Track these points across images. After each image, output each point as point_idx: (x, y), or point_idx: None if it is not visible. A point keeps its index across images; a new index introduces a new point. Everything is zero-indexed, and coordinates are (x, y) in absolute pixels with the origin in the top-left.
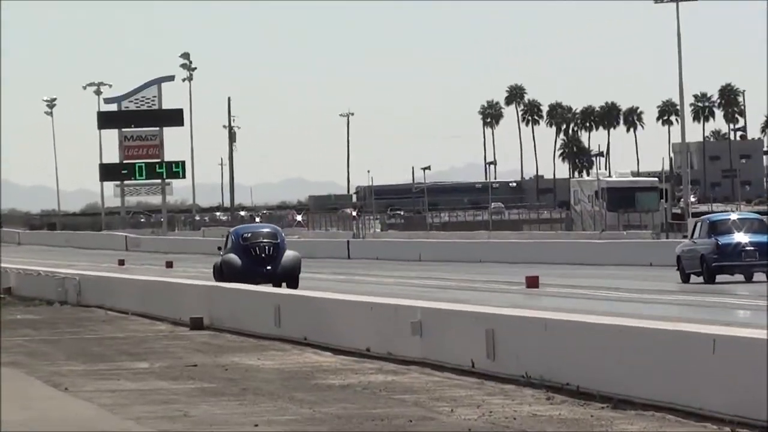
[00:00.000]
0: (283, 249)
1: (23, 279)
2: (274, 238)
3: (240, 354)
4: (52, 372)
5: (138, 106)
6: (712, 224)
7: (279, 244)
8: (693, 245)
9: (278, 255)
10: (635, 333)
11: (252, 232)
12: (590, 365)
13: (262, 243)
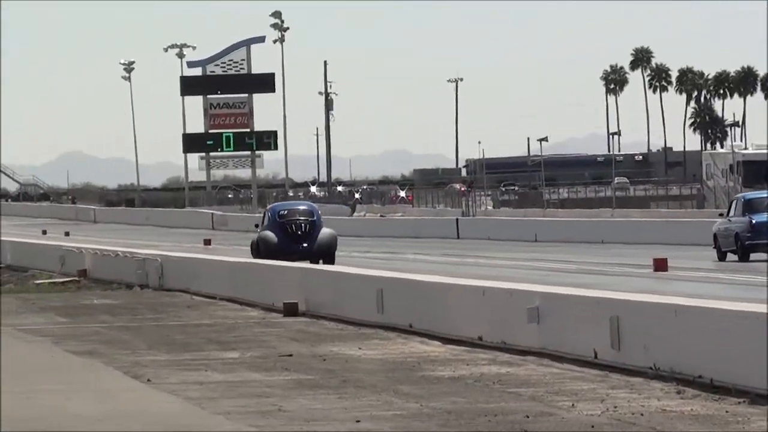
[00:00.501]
0: (319, 226)
1: (100, 260)
2: (310, 215)
3: (339, 343)
4: (132, 362)
5: (225, 71)
6: (747, 203)
7: (315, 221)
8: (728, 224)
9: (314, 232)
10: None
11: (288, 209)
12: (725, 356)
13: (298, 220)
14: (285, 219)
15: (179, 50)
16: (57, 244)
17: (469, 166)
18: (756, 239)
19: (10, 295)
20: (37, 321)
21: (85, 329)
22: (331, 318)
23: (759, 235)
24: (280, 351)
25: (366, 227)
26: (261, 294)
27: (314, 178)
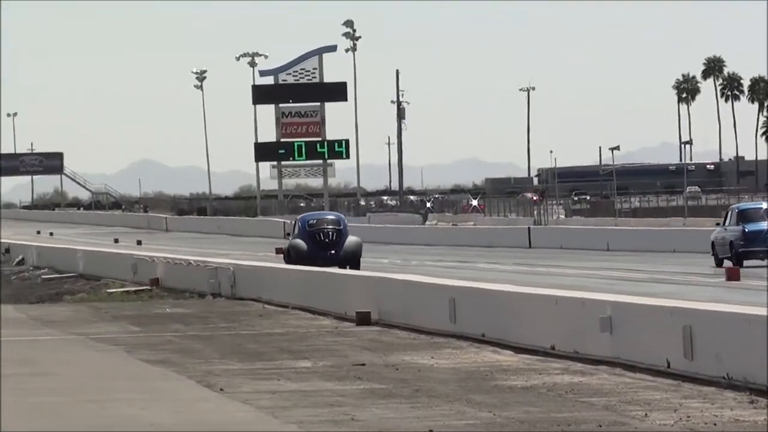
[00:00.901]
0: (345, 234)
1: (172, 269)
2: (337, 224)
3: (412, 352)
4: (205, 371)
5: (297, 79)
6: (741, 213)
7: (342, 230)
8: (724, 232)
9: (341, 240)
10: None
11: (317, 219)
12: None
13: (326, 229)
14: (314, 228)
15: (251, 59)
16: (129, 252)
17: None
18: (748, 246)
19: (82, 304)
20: (110, 330)
21: (157, 338)
22: (404, 327)
23: (751, 243)
24: (353, 360)
25: (438, 236)
26: (333, 303)
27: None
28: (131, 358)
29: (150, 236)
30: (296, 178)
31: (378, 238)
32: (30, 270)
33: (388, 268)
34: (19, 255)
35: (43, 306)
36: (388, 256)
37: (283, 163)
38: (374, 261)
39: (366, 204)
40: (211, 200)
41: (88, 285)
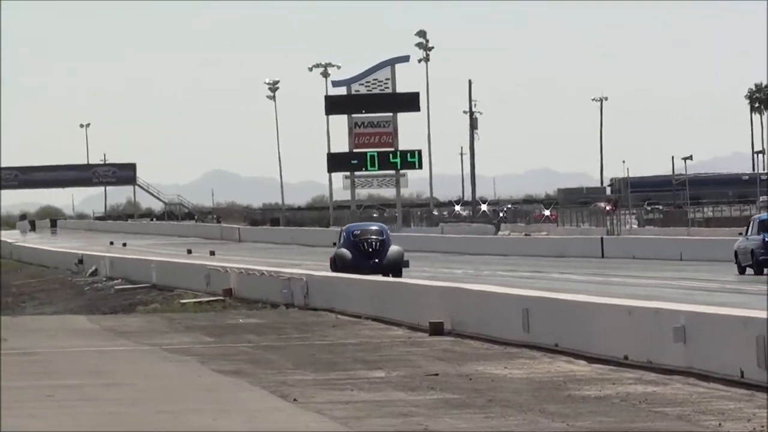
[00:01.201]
0: (388, 244)
1: (245, 279)
2: (380, 234)
3: (485, 362)
4: (279, 381)
5: (369, 90)
6: (762, 223)
7: (384, 240)
8: (746, 242)
9: (384, 249)
10: None
11: (361, 229)
12: None
13: (369, 239)
14: (358, 238)
15: (324, 69)
16: (202, 263)
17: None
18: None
19: (155, 315)
20: (183, 340)
21: (231, 349)
22: (477, 337)
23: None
24: (426, 370)
25: (510, 246)
26: (406, 313)
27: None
28: (204, 368)
29: (223, 247)
30: (369, 189)
31: (451, 248)
32: (103, 281)
33: (461, 278)
34: (92, 266)
35: (116, 317)
36: (461, 266)
37: (355, 174)
38: (447, 271)
39: (439, 214)
40: (284, 211)
41: (161, 295)
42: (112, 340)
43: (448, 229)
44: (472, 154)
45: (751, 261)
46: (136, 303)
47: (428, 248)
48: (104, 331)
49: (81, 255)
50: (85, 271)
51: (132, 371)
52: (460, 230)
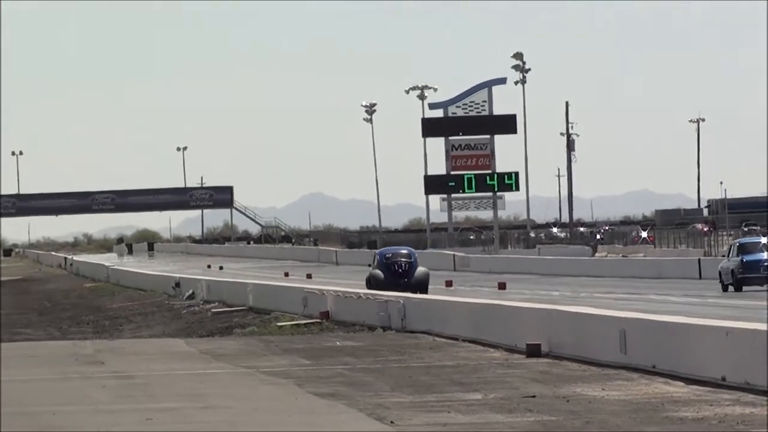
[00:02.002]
0: (415, 266)
1: (342, 302)
2: (408, 257)
3: (582, 384)
4: (376, 404)
5: (466, 112)
6: (741, 246)
7: (412, 262)
8: (728, 262)
9: (411, 270)
10: None
11: (392, 253)
12: None
13: (399, 261)
14: (389, 260)
15: (421, 92)
16: (299, 286)
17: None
18: (746, 274)
19: (252, 338)
20: (280, 363)
21: (328, 371)
22: (574, 359)
23: (749, 271)
24: (524, 392)
25: (608, 268)
26: (503, 335)
27: (556, 219)
28: (301, 391)
29: (320, 269)
30: (466, 211)
31: (548, 270)
32: (200, 304)
33: (558, 299)
34: (189, 289)
35: (213, 339)
36: (559, 287)
37: (452, 196)
38: (545, 293)
39: (536, 236)
40: (381, 233)
41: (258, 318)
42: (209, 363)
43: (545, 251)
44: (570, 176)
45: (731, 280)
46: (233, 326)
47: (525, 270)
48: (201, 354)
49: (178, 278)
50: (182, 295)
51: (229, 394)
52: (557, 252)
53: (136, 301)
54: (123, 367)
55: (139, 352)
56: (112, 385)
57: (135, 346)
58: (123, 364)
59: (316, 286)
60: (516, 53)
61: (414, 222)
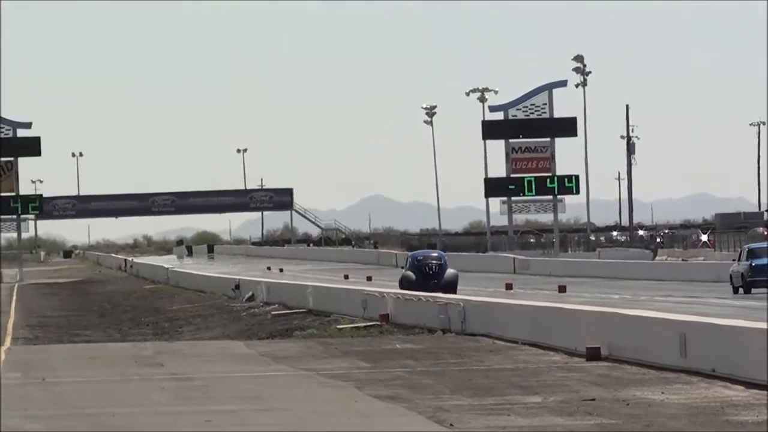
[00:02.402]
0: (445, 268)
1: (402, 305)
2: (439, 260)
3: (641, 387)
4: (435, 407)
5: (527, 115)
6: (750, 251)
7: (442, 264)
8: (738, 266)
9: (441, 272)
10: None
11: (424, 255)
12: None
13: (430, 263)
14: (421, 263)
15: (481, 94)
16: (359, 288)
17: None
18: (755, 277)
19: (312, 340)
20: (340, 366)
21: (387, 374)
22: (634, 362)
23: (757, 274)
24: (583, 395)
25: (667, 271)
26: (563, 338)
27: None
28: (361, 393)
29: (380, 272)
30: (526, 214)
31: (608, 273)
32: (260, 306)
33: (618, 303)
34: (249, 291)
35: (273, 342)
36: (618, 291)
37: (512, 199)
38: (604, 296)
39: (596, 239)
40: (441, 236)
41: (317, 321)
42: (268, 365)
43: (605, 255)
44: (630, 180)
45: (741, 283)
46: (293, 328)
47: (585, 273)
48: (261, 356)
49: (238, 280)
50: (241, 297)
51: (288, 396)
52: (617, 255)
53: (196, 303)
54: (182, 369)
55: (199, 354)
56: (172, 387)
57: (194, 348)
58: (182, 365)
59: (376, 289)
60: (577, 56)
61: (474, 225)
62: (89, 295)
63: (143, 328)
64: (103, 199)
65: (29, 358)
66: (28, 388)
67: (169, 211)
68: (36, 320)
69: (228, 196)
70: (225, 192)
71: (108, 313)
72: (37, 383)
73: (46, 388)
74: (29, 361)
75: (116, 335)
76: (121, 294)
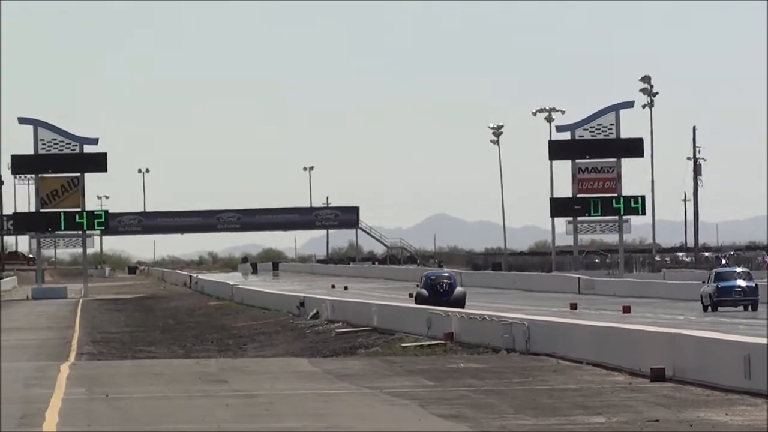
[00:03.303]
0: (455, 286)
1: (466, 324)
2: (449, 279)
3: (705, 409)
4: (499, 426)
5: (593, 135)
6: (717, 274)
7: (452, 283)
8: (707, 288)
9: (451, 290)
10: None
11: (436, 275)
12: None
13: (442, 282)
14: (434, 281)
15: (548, 114)
16: (423, 307)
17: None
18: (720, 297)
19: (376, 358)
20: (404, 384)
21: (451, 393)
22: (698, 383)
23: (722, 295)
24: (646, 416)
25: None
26: (627, 359)
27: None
28: (425, 412)
29: None
30: (591, 234)
31: (673, 294)
32: (324, 323)
33: (682, 324)
34: (313, 309)
35: (337, 359)
36: (683, 312)
37: (578, 219)
38: (669, 317)
39: (661, 260)
40: (506, 255)
41: (382, 339)
42: (332, 383)
43: (671, 275)
44: (696, 201)
45: (710, 302)
46: (357, 346)
47: (650, 294)
48: (325, 373)
49: (302, 298)
50: (306, 314)
51: (352, 414)
52: (683, 276)
53: (260, 320)
54: (246, 385)
55: (263, 371)
56: (236, 404)
57: (258, 365)
58: (246, 382)
59: (441, 308)
60: (644, 77)
61: (540, 244)
62: (153, 311)
63: (207, 345)
64: (168, 216)
65: (93, 373)
66: (91, 404)
67: (235, 228)
68: (100, 336)
69: (293, 213)
70: (291, 210)
71: (172, 330)
72: (100, 399)
73: (109, 404)
74: (93, 376)
75: (180, 352)
76: (185, 310)
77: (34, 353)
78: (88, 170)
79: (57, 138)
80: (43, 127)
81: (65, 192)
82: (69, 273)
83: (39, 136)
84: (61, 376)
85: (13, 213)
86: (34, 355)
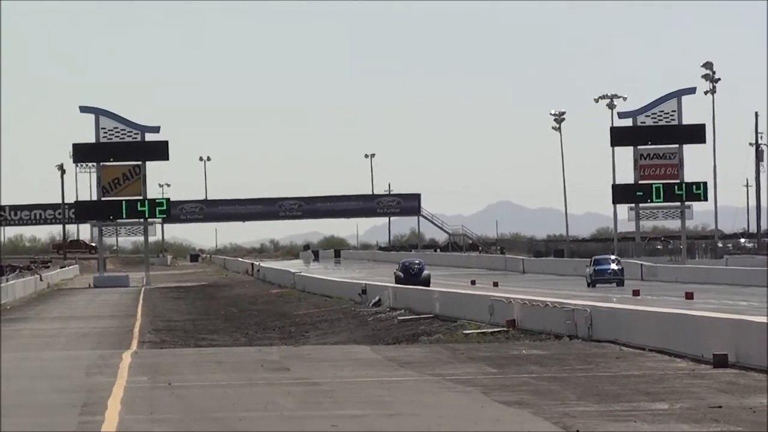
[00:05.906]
0: (422, 270)
1: (528, 311)
2: (419, 264)
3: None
4: (562, 413)
5: (655, 121)
6: (595, 260)
7: (421, 267)
8: (589, 269)
9: (420, 272)
10: None
11: (410, 261)
12: None
13: (414, 266)
14: (407, 266)
15: (610, 101)
16: (486, 294)
17: None
18: (596, 277)
19: (438, 345)
20: (466, 371)
21: (514, 379)
22: (761, 370)
23: (598, 276)
24: (710, 402)
25: None
26: (690, 345)
27: (743, 229)
28: (487, 399)
29: (506, 278)
30: (653, 220)
31: (736, 280)
32: (387, 311)
33: (745, 310)
34: (375, 296)
35: (399, 347)
36: (746, 298)
37: (640, 205)
38: (732, 303)
39: (723, 246)
40: (568, 242)
41: (444, 326)
42: (394, 370)
43: (733, 262)
44: (758, 187)
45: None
46: (419, 333)
47: (712, 280)
48: (387, 361)
49: (364, 285)
50: (368, 302)
51: (415, 402)
52: (745, 263)
53: (322, 308)
54: (308, 373)
55: (325, 359)
56: (298, 392)
57: (320, 352)
58: (308, 370)
59: (503, 294)
60: (706, 62)
61: (602, 231)
62: (215, 299)
63: (269, 333)
64: (230, 204)
65: (156, 361)
66: (154, 392)
67: (296, 216)
68: (162, 324)
69: (355, 201)
70: (352, 197)
71: (234, 317)
72: (163, 387)
73: (172, 392)
74: (156, 364)
75: (242, 339)
76: (247, 298)
77: (96, 341)
78: (149, 158)
79: (118, 126)
80: (104, 115)
81: (126, 180)
82: (131, 261)
83: (101, 124)
84: (123, 365)
85: (75, 201)
86: (96, 343)
